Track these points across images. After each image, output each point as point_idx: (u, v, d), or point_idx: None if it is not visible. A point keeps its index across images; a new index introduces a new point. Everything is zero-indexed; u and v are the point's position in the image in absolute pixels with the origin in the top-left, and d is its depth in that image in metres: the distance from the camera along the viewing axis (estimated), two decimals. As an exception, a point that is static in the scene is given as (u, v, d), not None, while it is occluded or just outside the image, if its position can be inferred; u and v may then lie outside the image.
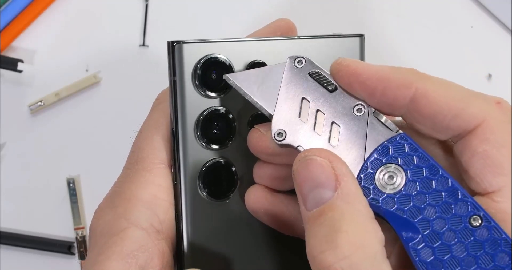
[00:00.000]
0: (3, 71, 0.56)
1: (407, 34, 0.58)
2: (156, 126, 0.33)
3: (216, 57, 0.33)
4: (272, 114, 0.31)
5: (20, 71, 0.55)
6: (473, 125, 0.28)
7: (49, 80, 0.56)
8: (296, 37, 0.35)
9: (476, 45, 0.59)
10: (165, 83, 0.35)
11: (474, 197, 0.28)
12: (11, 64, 0.55)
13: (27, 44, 0.57)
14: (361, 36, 0.36)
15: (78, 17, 0.58)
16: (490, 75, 0.58)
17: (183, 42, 0.33)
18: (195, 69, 0.33)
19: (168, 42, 0.33)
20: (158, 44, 0.57)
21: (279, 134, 0.30)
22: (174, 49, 0.33)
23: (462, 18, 0.59)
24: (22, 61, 0.55)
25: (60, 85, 0.56)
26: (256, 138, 0.32)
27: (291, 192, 0.33)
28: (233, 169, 0.34)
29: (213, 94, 0.33)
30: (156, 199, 0.32)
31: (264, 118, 0.32)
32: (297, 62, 0.32)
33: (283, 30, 0.36)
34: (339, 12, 0.59)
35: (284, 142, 0.30)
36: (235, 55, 0.33)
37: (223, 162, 0.34)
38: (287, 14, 0.58)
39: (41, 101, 0.55)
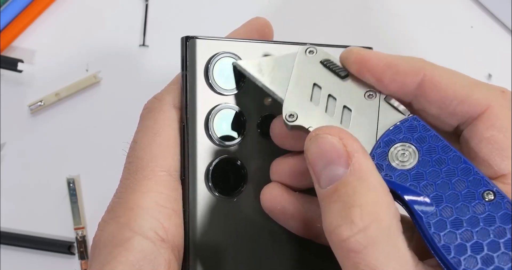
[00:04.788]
0: (3, 71, 0.56)
1: (407, 34, 0.58)
2: (152, 134, 0.33)
3: (229, 55, 0.33)
4: (283, 98, 0.31)
5: (20, 71, 0.55)
6: (478, 111, 0.29)
7: (49, 80, 0.56)
8: (308, 44, 0.35)
9: (476, 45, 0.59)
10: (164, 83, 0.35)
11: None
12: (11, 64, 0.55)
13: (27, 44, 0.57)
14: (369, 48, 0.36)
15: (78, 17, 0.58)
16: (490, 75, 0.58)
17: (196, 38, 0.33)
18: (207, 65, 0.33)
19: (182, 38, 0.33)
20: (158, 44, 0.57)
21: (291, 115, 0.31)
22: (187, 44, 0.33)
23: (462, 18, 0.59)
24: (22, 61, 0.55)
25: (60, 85, 0.56)
26: (281, 125, 0.32)
27: (307, 191, 0.33)
28: (243, 166, 0.34)
29: (224, 91, 0.33)
30: (159, 207, 0.31)
31: (275, 117, 0.33)
32: (309, 52, 0.32)
33: (258, 28, 0.36)
34: (339, 12, 0.59)
35: (295, 123, 0.30)
36: (247, 54, 0.34)
37: (232, 159, 0.34)
38: (287, 14, 0.58)
39: (41, 101, 0.55)
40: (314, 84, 0.31)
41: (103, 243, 0.31)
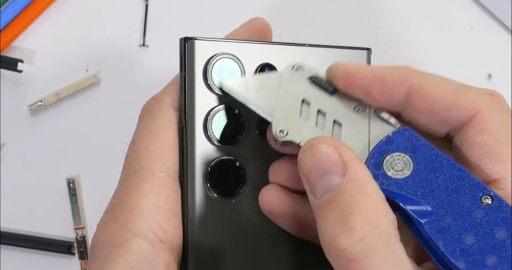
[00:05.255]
0: (3, 71, 0.56)
1: (407, 34, 0.58)
2: (151, 135, 0.33)
3: (227, 56, 0.33)
4: (272, 115, 0.31)
5: (20, 71, 0.55)
6: (467, 116, 0.29)
7: (49, 80, 0.56)
8: (306, 45, 0.35)
9: (476, 45, 0.59)
10: (164, 83, 0.35)
11: None
12: (11, 64, 0.55)
13: (27, 44, 0.57)
14: (368, 49, 0.36)
15: (78, 17, 0.58)
16: (490, 75, 0.58)
17: (195, 39, 0.33)
18: (206, 66, 0.33)
19: (181, 39, 0.33)
20: (158, 44, 0.57)
21: (281, 131, 0.31)
22: (186, 45, 0.33)
23: (462, 18, 0.59)
24: (22, 61, 0.55)
25: (60, 85, 0.56)
26: None
27: (306, 193, 0.33)
28: (241, 167, 0.34)
29: (223, 92, 0.33)
30: (158, 208, 0.31)
31: None
32: (295, 69, 0.32)
33: (257, 28, 0.36)
34: (339, 12, 0.59)
35: (286, 138, 0.30)
36: (245, 55, 0.34)
37: (231, 160, 0.34)
38: (287, 14, 0.58)
39: (41, 101, 0.55)
40: (303, 101, 0.31)
41: (102, 244, 0.31)
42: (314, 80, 0.32)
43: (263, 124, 0.34)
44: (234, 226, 0.33)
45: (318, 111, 0.31)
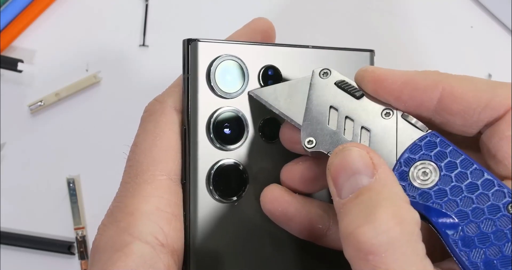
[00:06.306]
0: (3, 71, 0.56)
1: (407, 34, 0.58)
2: (153, 137, 0.33)
3: (231, 58, 0.33)
4: (301, 123, 0.31)
5: (20, 71, 0.55)
6: (502, 112, 0.29)
7: (49, 80, 0.56)
8: (310, 46, 0.35)
9: (476, 45, 0.59)
10: (164, 83, 0.35)
11: (503, 181, 0.28)
12: (11, 64, 0.55)
13: (27, 44, 0.57)
14: (371, 51, 0.36)
15: (78, 17, 0.57)
16: (490, 75, 0.58)
17: (198, 40, 0.33)
18: (209, 68, 0.33)
19: (184, 40, 0.33)
20: (158, 44, 0.57)
21: (309, 141, 0.31)
22: (189, 47, 0.33)
23: (462, 18, 0.59)
24: (22, 61, 0.55)
25: (60, 85, 0.56)
26: (290, 132, 0.32)
27: (309, 193, 0.33)
28: (244, 170, 0.34)
29: (226, 94, 0.33)
30: (159, 212, 0.31)
31: (276, 121, 0.33)
32: (323, 74, 0.32)
33: (261, 29, 0.36)
34: (339, 12, 0.59)
35: (314, 149, 0.31)
36: (249, 57, 0.34)
37: (233, 163, 0.34)
38: (288, 14, 0.58)
39: (41, 101, 0.55)
40: (331, 107, 0.31)
41: (103, 247, 0.31)
42: (341, 85, 0.32)
43: (266, 126, 0.34)
44: (236, 229, 0.33)
45: (346, 117, 0.31)
